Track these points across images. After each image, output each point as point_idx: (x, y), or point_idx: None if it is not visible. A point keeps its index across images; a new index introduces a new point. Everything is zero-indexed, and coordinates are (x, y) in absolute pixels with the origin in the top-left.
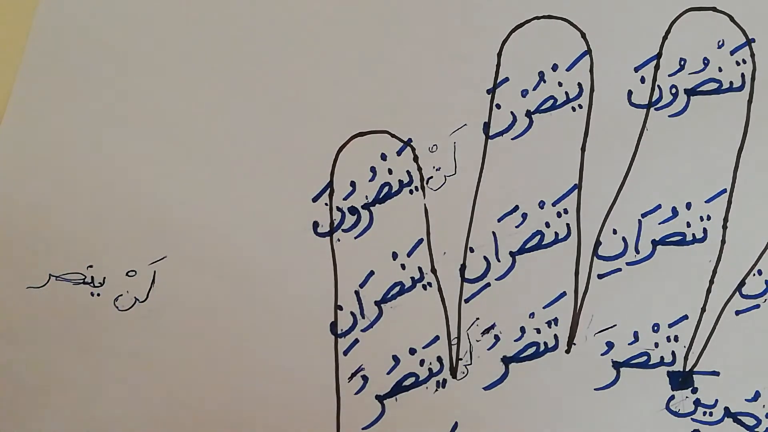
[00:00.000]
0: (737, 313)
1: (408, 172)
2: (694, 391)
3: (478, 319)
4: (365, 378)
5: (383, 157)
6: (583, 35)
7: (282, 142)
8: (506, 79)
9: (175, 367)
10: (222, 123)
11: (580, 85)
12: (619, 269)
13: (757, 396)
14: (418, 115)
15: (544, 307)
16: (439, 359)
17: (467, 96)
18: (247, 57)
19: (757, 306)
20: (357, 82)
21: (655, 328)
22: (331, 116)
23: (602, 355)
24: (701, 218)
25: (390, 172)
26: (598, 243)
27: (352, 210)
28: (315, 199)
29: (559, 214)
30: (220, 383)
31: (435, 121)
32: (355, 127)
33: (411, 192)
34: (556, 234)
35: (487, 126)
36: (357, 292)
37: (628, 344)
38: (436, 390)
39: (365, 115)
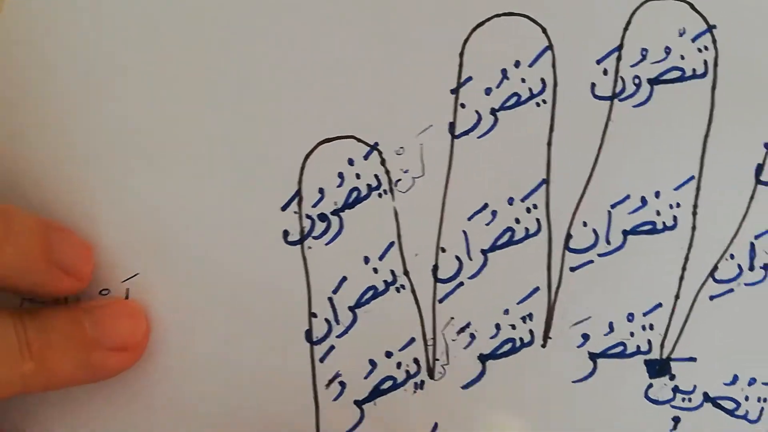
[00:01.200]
0: (711, 298)
1: (376, 175)
2: (672, 378)
3: (452, 318)
4: (343, 384)
5: (350, 162)
6: (544, 30)
7: (248, 152)
8: (469, 78)
9: (148, 380)
10: (186, 135)
11: (543, 80)
12: (591, 261)
13: (735, 379)
14: (383, 119)
15: (518, 303)
16: (416, 361)
17: (431, 97)
18: (209, 67)
19: (731, 290)
20: (320, 89)
21: (630, 317)
22: (295, 124)
23: (578, 347)
24: (671, 206)
25: (358, 176)
26: (568, 236)
27: (322, 217)
28: (284, 208)
29: (528, 210)
30: (196, 395)
31: (400, 123)
32: (321, 133)
33: (380, 195)
34: (527, 229)
35: (452, 126)
36: (330, 299)
37: (604, 335)
38: (415, 392)
39: (330, 121)
